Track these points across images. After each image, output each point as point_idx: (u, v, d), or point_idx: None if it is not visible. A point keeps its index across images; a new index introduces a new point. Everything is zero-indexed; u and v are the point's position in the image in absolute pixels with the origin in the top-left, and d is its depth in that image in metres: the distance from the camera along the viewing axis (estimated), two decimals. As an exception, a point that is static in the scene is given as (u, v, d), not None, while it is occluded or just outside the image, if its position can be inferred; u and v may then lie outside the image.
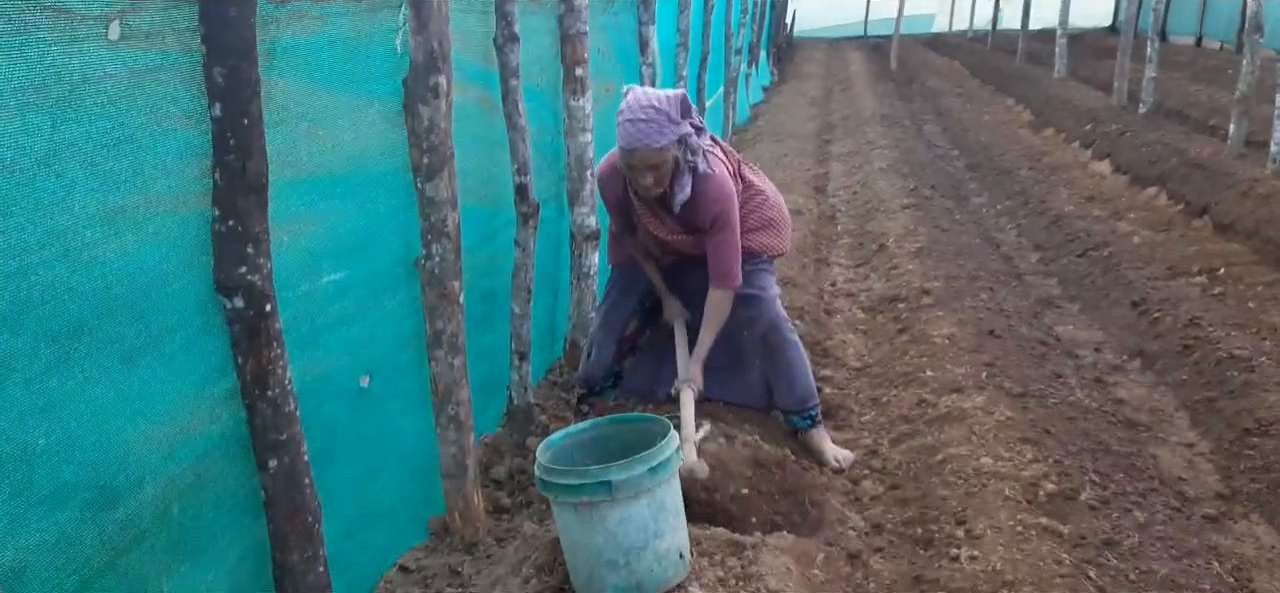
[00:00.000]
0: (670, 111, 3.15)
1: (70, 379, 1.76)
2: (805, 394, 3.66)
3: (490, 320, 3.87)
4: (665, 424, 2.74)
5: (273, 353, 2.20)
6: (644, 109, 3.13)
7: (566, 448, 2.82)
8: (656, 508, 2.56)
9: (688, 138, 3.23)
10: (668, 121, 3.13)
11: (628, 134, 3.14)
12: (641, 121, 3.11)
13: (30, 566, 1.71)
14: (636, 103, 3.15)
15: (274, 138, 2.17)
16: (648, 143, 3.12)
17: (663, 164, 3.18)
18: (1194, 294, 5.25)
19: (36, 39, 1.57)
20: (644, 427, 2.84)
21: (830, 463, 3.62)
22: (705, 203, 3.33)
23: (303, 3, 2.31)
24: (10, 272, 1.59)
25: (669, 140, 3.14)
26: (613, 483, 2.48)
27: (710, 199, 3.32)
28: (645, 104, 3.14)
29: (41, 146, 1.61)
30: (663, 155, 3.16)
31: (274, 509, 2.31)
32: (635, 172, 3.22)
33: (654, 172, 3.19)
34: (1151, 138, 8.92)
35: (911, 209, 7.41)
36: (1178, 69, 14.99)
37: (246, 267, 2.10)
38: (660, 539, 2.58)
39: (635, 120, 3.12)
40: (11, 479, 1.65)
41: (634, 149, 3.14)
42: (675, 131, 3.16)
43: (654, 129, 3.11)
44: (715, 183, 3.33)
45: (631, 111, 3.14)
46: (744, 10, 12.67)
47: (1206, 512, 3.30)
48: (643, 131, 3.11)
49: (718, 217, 3.35)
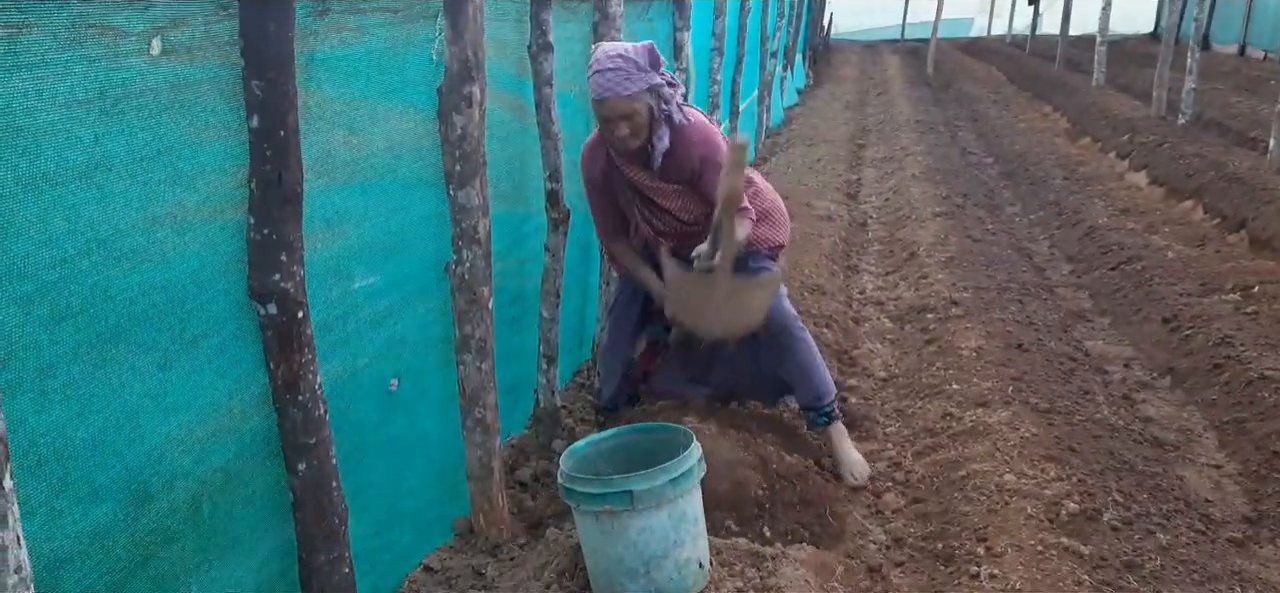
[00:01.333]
0: (638, 60, 3.15)
1: (108, 382, 1.82)
2: (821, 390, 3.61)
3: (519, 324, 3.91)
4: (688, 434, 2.76)
5: (304, 358, 2.25)
6: (611, 59, 3.13)
7: (589, 456, 2.84)
8: (678, 518, 2.59)
9: (659, 88, 3.21)
10: (636, 69, 3.13)
11: (597, 85, 3.14)
12: (610, 70, 3.12)
13: (67, 561, 1.77)
14: (604, 54, 3.16)
15: (310, 145, 2.22)
16: (617, 90, 3.12)
17: (635, 113, 3.18)
18: (1227, 312, 5.20)
19: (81, 55, 1.62)
20: (668, 436, 2.86)
21: (846, 478, 3.56)
22: (687, 148, 3.32)
23: (341, 15, 2.35)
24: (52, 279, 1.65)
25: (639, 87, 3.14)
26: (634, 493, 2.50)
27: (692, 142, 3.32)
28: (613, 54, 3.15)
29: (84, 159, 1.67)
30: (633, 104, 3.15)
31: (302, 511, 2.37)
32: (610, 125, 3.21)
33: (628, 121, 3.19)
34: (1189, 150, 8.82)
35: (943, 217, 7.38)
36: (1219, 79, 14.80)
37: (280, 274, 2.16)
38: (680, 549, 2.60)
39: (603, 70, 3.12)
40: (50, 478, 1.71)
41: (604, 98, 3.14)
42: (645, 80, 3.15)
43: (622, 76, 3.11)
44: (694, 127, 3.34)
45: (599, 63, 3.15)
46: (780, 13, 12.65)
47: (1232, 535, 3.28)
48: (611, 80, 3.12)
49: (704, 158, 3.33)
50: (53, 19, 1.54)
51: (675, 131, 3.30)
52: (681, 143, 3.32)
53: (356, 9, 2.42)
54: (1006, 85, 17.23)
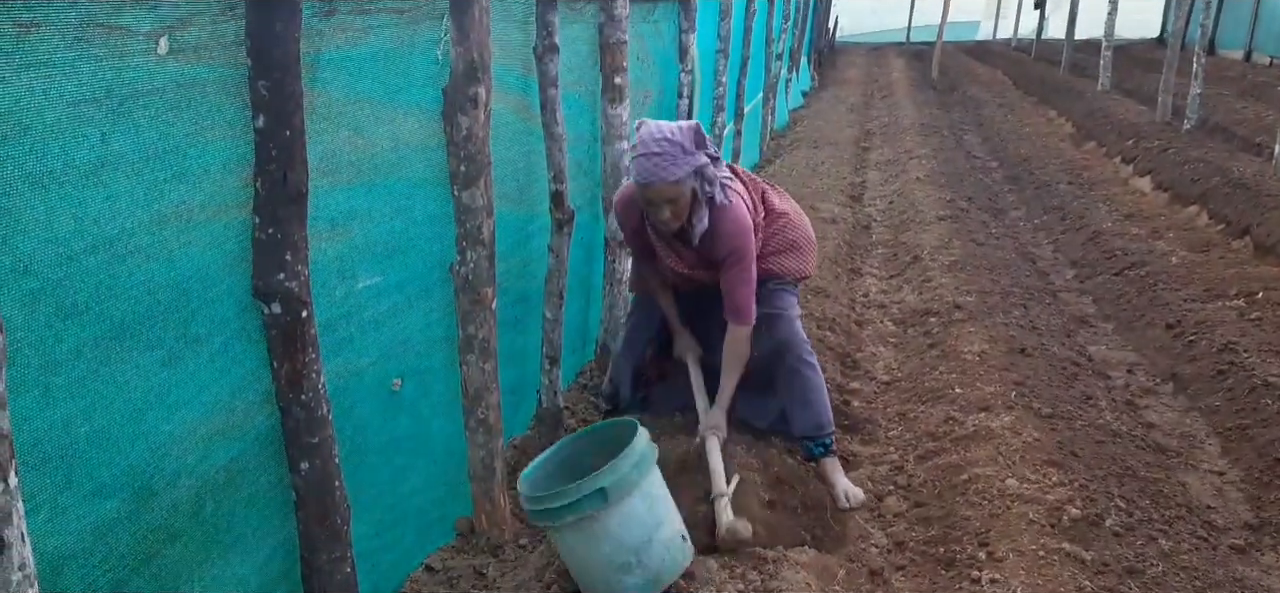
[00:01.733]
0: (684, 142, 3.13)
1: (112, 379, 1.83)
2: (820, 422, 3.57)
3: (522, 324, 3.92)
4: (631, 424, 2.81)
5: (308, 358, 2.25)
6: (658, 142, 3.10)
7: (541, 479, 2.84)
8: (649, 500, 2.65)
9: (704, 169, 3.20)
10: (682, 153, 3.11)
11: (642, 169, 3.12)
12: (656, 155, 3.09)
13: (70, 558, 1.78)
14: (650, 136, 3.13)
15: (315, 145, 2.23)
16: (662, 176, 3.10)
17: (679, 198, 3.16)
18: (1231, 318, 5.20)
19: (89, 54, 1.63)
20: (611, 432, 2.91)
21: (840, 501, 3.46)
22: (722, 236, 3.31)
23: (348, 16, 2.36)
24: (58, 277, 1.65)
25: (684, 172, 3.12)
26: (606, 488, 2.54)
27: (726, 233, 3.31)
28: (659, 137, 3.12)
29: (91, 157, 1.68)
30: (679, 189, 3.14)
31: (304, 510, 2.37)
32: (652, 206, 3.20)
33: (671, 205, 3.18)
34: (1194, 155, 8.81)
35: (947, 221, 7.37)
36: (1225, 84, 14.78)
37: (284, 273, 2.16)
38: (661, 528, 2.66)
39: (650, 154, 3.10)
40: (54, 474, 1.72)
41: (649, 183, 3.12)
42: (690, 163, 3.13)
43: (668, 162, 3.09)
44: (732, 215, 3.31)
45: (645, 146, 3.12)
46: (785, 16, 12.65)
47: (1234, 542, 3.28)
48: (657, 165, 3.09)
49: (733, 251, 3.32)
50: (61, 17, 1.55)
51: (714, 214, 3.29)
52: (717, 228, 3.31)
53: (363, 9, 2.43)
54: (1012, 89, 17.21)
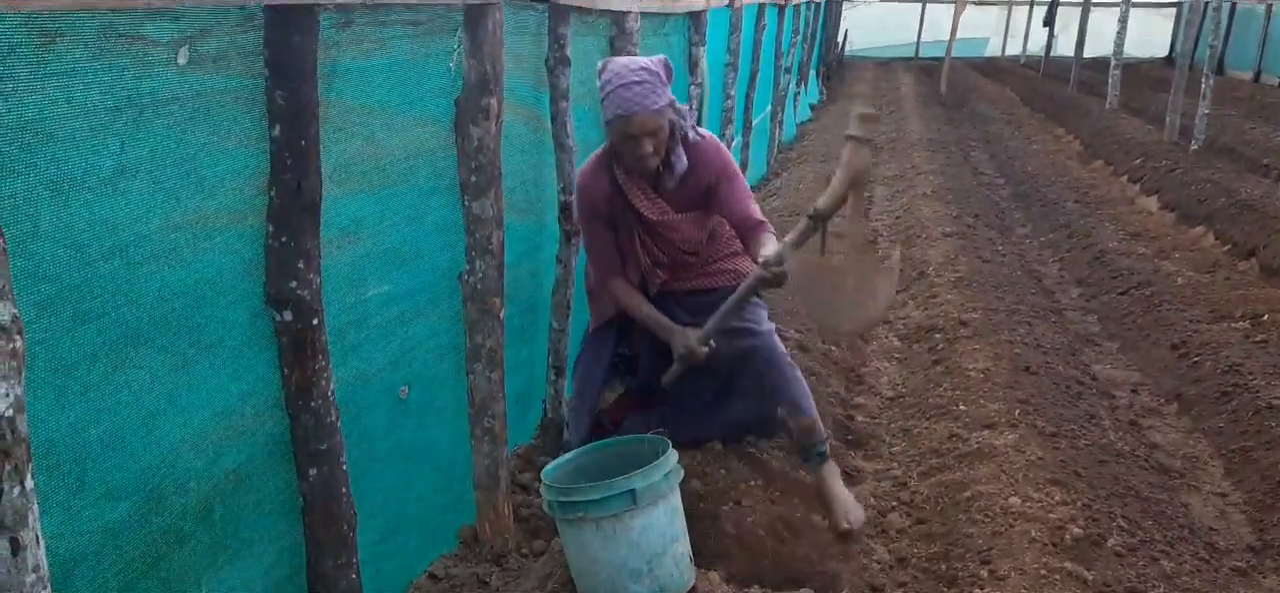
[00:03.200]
0: (659, 73, 3.05)
1: (126, 383, 1.85)
2: (812, 424, 3.37)
3: (529, 333, 3.94)
4: (652, 442, 2.83)
5: (318, 365, 2.28)
6: (635, 72, 3.01)
7: (561, 478, 2.85)
8: (671, 513, 2.68)
9: (675, 102, 3.13)
10: (660, 83, 3.04)
11: (623, 100, 2.99)
12: (636, 84, 2.99)
13: (81, 561, 1.80)
14: (624, 67, 3.05)
15: (329, 154, 2.25)
16: (646, 104, 2.99)
17: (660, 129, 3.07)
18: (1236, 339, 5.20)
19: (111, 65, 1.65)
20: (627, 449, 2.92)
21: (839, 523, 3.25)
22: (705, 160, 3.24)
23: (364, 28, 2.38)
24: (75, 282, 1.68)
25: (664, 102, 3.05)
26: (636, 491, 2.57)
27: (709, 158, 3.25)
28: (635, 67, 3.03)
29: (110, 165, 1.70)
30: (659, 120, 3.05)
31: (311, 516, 2.39)
32: (634, 141, 3.06)
33: (653, 137, 3.06)
34: (1202, 175, 8.82)
35: (954, 237, 7.38)
36: (1234, 104, 14.77)
37: (297, 281, 2.19)
38: (676, 543, 2.69)
39: (629, 84, 2.99)
40: (67, 478, 1.74)
41: (632, 114, 3.00)
42: (666, 95, 3.06)
43: (649, 90, 3.00)
44: (709, 141, 3.29)
45: (622, 77, 3.01)
46: (795, 30, 12.68)
47: (1236, 564, 3.28)
48: (639, 94, 2.99)
49: (722, 168, 3.26)
50: (83, 28, 1.57)
51: (690, 150, 3.23)
52: (699, 159, 3.25)
53: (379, 21, 2.46)
54: (1020, 106, 17.22)
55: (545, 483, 2.72)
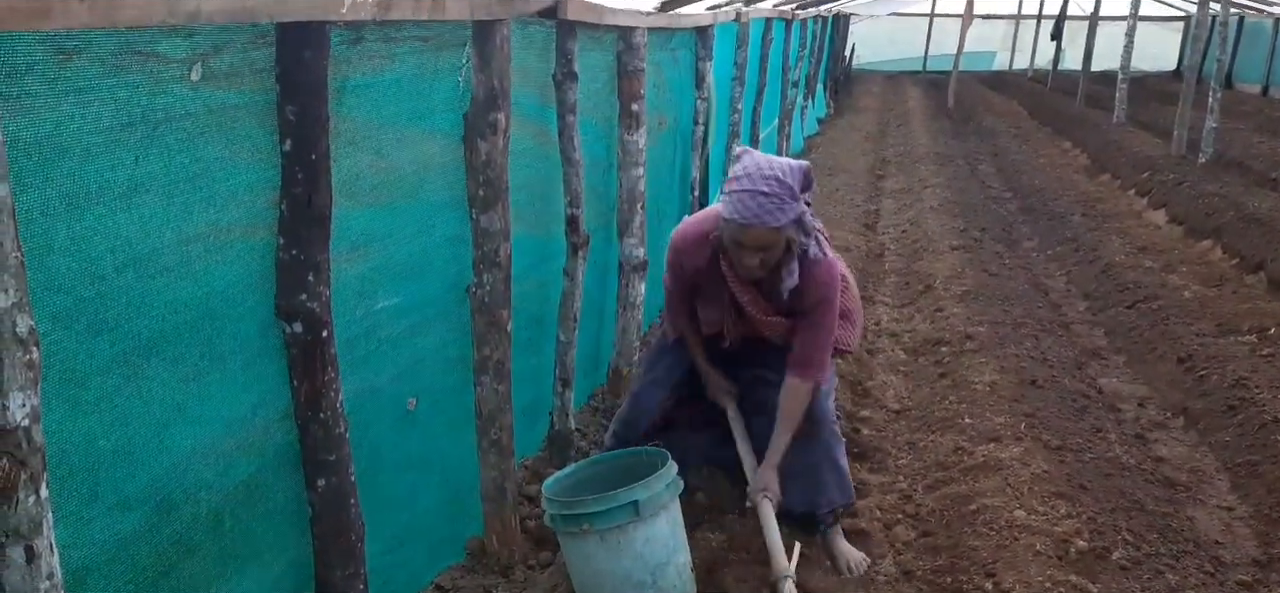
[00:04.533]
0: (794, 186, 2.81)
1: (138, 394, 1.87)
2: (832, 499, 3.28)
3: (536, 345, 3.96)
4: (651, 453, 2.89)
5: (327, 376, 2.30)
6: (767, 181, 2.77)
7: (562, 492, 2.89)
8: (674, 524, 2.73)
9: (804, 217, 2.87)
10: (790, 198, 2.78)
11: (744, 207, 2.78)
12: (763, 195, 2.75)
13: (92, 569, 1.82)
14: (758, 171, 2.79)
15: (339, 168, 2.28)
16: (765, 221, 2.77)
17: (775, 245, 2.85)
18: (1243, 353, 5.21)
19: (126, 81, 1.68)
20: (626, 461, 2.97)
21: (842, 570, 3.21)
22: (813, 285, 3.02)
23: (374, 43, 2.42)
24: (89, 295, 1.71)
25: (788, 219, 2.79)
26: (640, 502, 2.61)
27: (819, 283, 3.02)
28: (768, 174, 2.78)
29: (125, 179, 1.73)
30: (777, 237, 2.82)
31: (320, 526, 2.41)
32: (742, 249, 2.89)
33: (763, 253, 2.87)
34: (1209, 189, 8.83)
35: (961, 251, 7.40)
36: (1241, 118, 14.79)
37: (306, 294, 2.21)
38: (678, 554, 2.74)
39: (755, 193, 2.76)
40: (80, 487, 1.76)
41: (748, 225, 2.79)
42: (795, 210, 2.81)
43: (774, 205, 2.76)
44: (825, 267, 3.04)
45: (751, 181, 2.78)
46: (802, 44, 12.73)
47: (1241, 578, 3.28)
48: (762, 206, 2.76)
49: (822, 301, 3.06)
50: (100, 45, 1.60)
51: (805, 267, 2.97)
52: (808, 280, 3.01)
53: (388, 37, 2.49)
54: (1027, 120, 17.24)
55: (547, 496, 2.75)
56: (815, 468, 3.27)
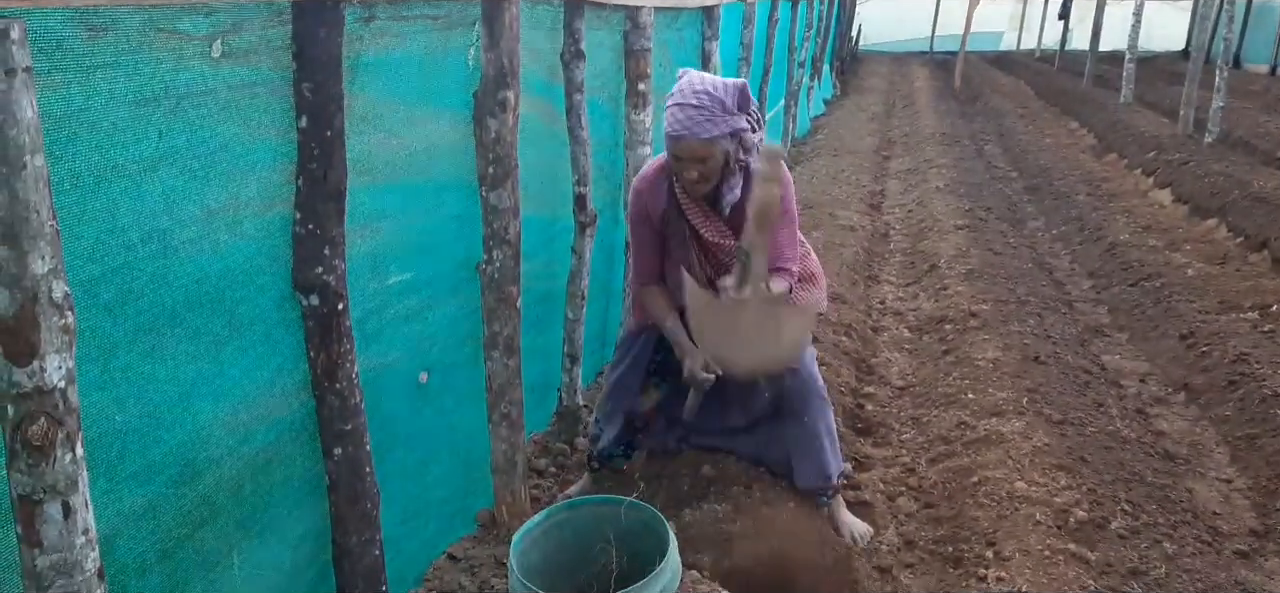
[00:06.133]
0: (726, 100, 2.91)
1: (162, 364, 1.94)
2: (829, 472, 3.32)
3: (544, 323, 4.02)
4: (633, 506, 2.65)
5: (343, 348, 2.36)
6: (697, 94, 2.89)
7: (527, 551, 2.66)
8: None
9: (743, 133, 2.96)
10: (722, 111, 2.89)
11: (676, 119, 2.91)
12: (693, 108, 2.88)
13: (119, 535, 1.89)
14: (690, 86, 2.92)
15: (352, 145, 2.33)
16: (696, 132, 2.89)
17: (710, 158, 2.94)
18: (1244, 330, 5.25)
19: (150, 57, 1.74)
20: (601, 509, 2.75)
21: (846, 540, 3.29)
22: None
23: (386, 22, 2.47)
24: (117, 265, 1.77)
25: (720, 131, 2.89)
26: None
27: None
28: (699, 89, 2.90)
29: (149, 154, 1.79)
30: (711, 148, 2.91)
31: (337, 494, 2.48)
32: (679, 162, 3.00)
33: (700, 165, 2.96)
34: (1215, 168, 8.84)
35: (966, 230, 7.44)
36: (1249, 98, 14.75)
37: (322, 267, 2.27)
38: None
39: (686, 106, 2.89)
40: (107, 454, 1.83)
41: (680, 137, 2.92)
42: (729, 123, 2.91)
43: (704, 116, 2.88)
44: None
45: (683, 95, 2.91)
46: (809, 24, 12.72)
47: (1238, 547, 3.34)
48: (693, 118, 2.88)
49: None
50: (126, 22, 1.66)
51: (749, 181, 3.05)
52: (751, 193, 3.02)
53: (400, 16, 2.54)
54: (1034, 100, 17.22)
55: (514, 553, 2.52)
56: (815, 438, 3.31)
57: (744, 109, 2.97)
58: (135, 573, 1.92)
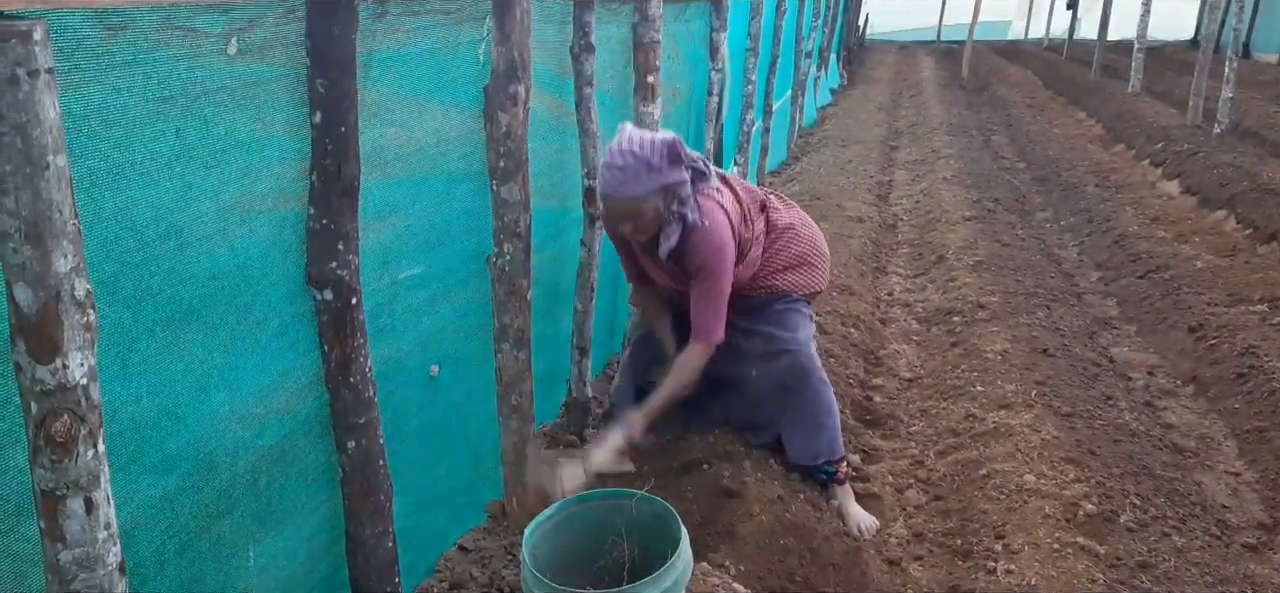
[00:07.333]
0: (650, 158, 2.97)
1: (180, 359, 1.96)
2: (831, 447, 3.40)
3: (553, 314, 4.04)
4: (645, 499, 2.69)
5: (356, 342, 2.38)
6: (623, 155, 2.98)
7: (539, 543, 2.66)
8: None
9: (676, 187, 3.03)
10: (646, 170, 2.96)
11: (603, 180, 3.04)
12: (617, 169, 2.98)
13: (139, 527, 1.91)
14: (618, 147, 3.01)
15: (365, 140, 2.34)
16: (620, 192, 2.99)
17: (639, 214, 3.03)
18: (1254, 322, 5.24)
19: (167, 55, 1.75)
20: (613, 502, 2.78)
21: (852, 532, 3.35)
22: (691, 252, 3.14)
23: (398, 17, 2.48)
24: (136, 261, 1.78)
25: (644, 189, 2.97)
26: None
27: (695, 249, 3.13)
28: (626, 149, 2.99)
29: (167, 151, 1.80)
30: (636, 206, 3.00)
31: (350, 486, 2.50)
32: (611, 218, 3.17)
33: (631, 221, 3.07)
34: (1224, 159, 8.82)
35: (973, 221, 7.44)
36: (1259, 88, 14.69)
37: (336, 262, 2.29)
38: None
39: (611, 166, 3.00)
40: (126, 448, 1.85)
41: (607, 196, 3.05)
42: (655, 181, 2.97)
43: (629, 177, 2.97)
44: (704, 234, 3.12)
45: (612, 156, 3.01)
46: (816, 14, 12.70)
47: (1246, 541, 3.35)
48: (617, 179, 2.99)
49: (701, 267, 3.15)
50: (144, 21, 1.67)
51: (687, 231, 3.12)
52: (688, 246, 3.14)
53: (412, 11, 2.55)
54: (1042, 90, 17.18)
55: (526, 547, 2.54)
56: (810, 415, 3.39)
57: (676, 164, 3.03)
58: (154, 566, 1.95)
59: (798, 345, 3.41)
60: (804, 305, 3.52)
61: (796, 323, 3.46)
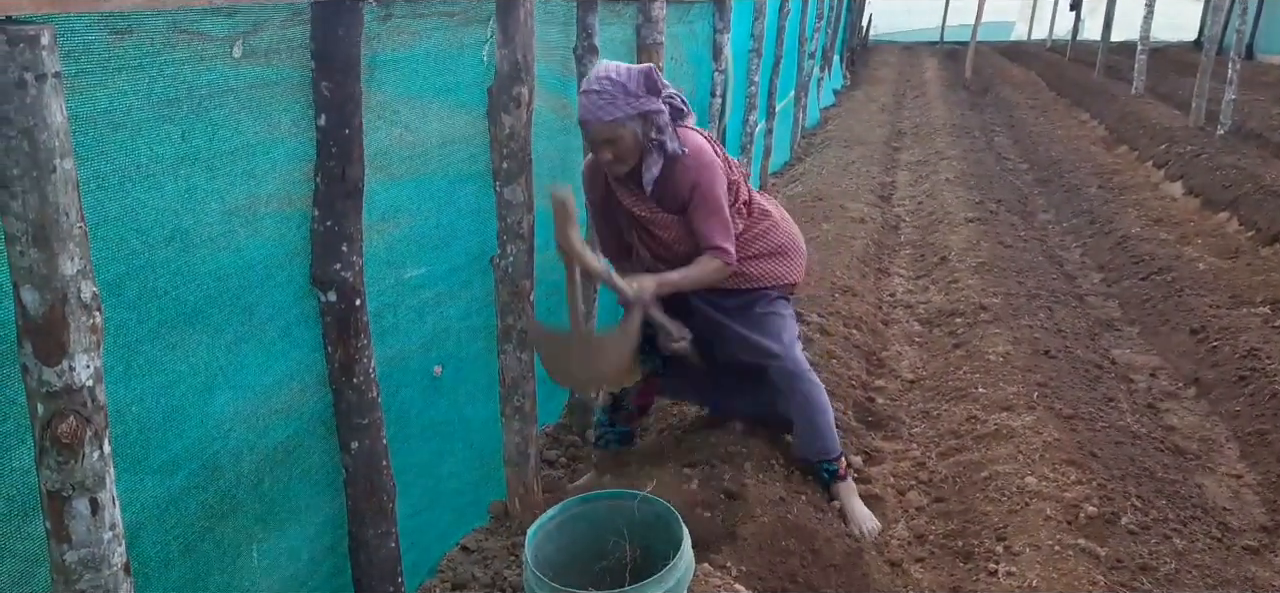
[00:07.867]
0: (627, 84, 3.01)
1: (184, 360, 1.97)
2: (827, 446, 3.43)
3: (556, 315, 4.04)
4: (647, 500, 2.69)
5: (360, 343, 2.39)
6: (599, 80, 3.02)
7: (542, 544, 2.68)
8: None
9: (652, 114, 3.06)
10: (624, 94, 3.00)
11: (581, 106, 3.06)
12: (594, 93, 3.01)
13: (144, 527, 1.92)
14: (594, 75, 3.06)
15: (369, 142, 2.35)
16: (598, 115, 3.00)
17: (618, 139, 3.05)
18: (1256, 324, 5.24)
19: (173, 58, 1.76)
20: (615, 503, 2.79)
21: (854, 531, 3.35)
22: (681, 175, 3.16)
23: (402, 19, 2.49)
24: (141, 263, 1.80)
25: (623, 114, 3.00)
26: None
27: (684, 171, 3.16)
28: (602, 75, 3.03)
29: (172, 154, 1.81)
30: (615, 130, 3.02)
31: (353, 487, 2.51)
32: (593, 145, 3.13)
33: (611, 147, 3.06)
34: (1227, 161, 8.81)
35: (976, 223, 7.44)
36: (1262, 89, 14.67)
37: (340, 263, 2.30)
38: None
39: (589, 92, 3.03)
40: (132, 449, 1.86)
41: (586, 121, 3.05)
42: (632, 106, 3.01)
43: (606, 101, 2.99)
44: (690, 156, 3.15)
45: (588, 83, 3.05)
46: (819, 15, 12.70)
47: (1248, 543, 3.35)
48: (594, 103, 3.00)
49: (694, 185, 3.16)
50: (150, 24, 1.68)
51: (668, 160, 3.16)
52: (674, 171, 3.17)
53: (416, 13, 2.56)
54: (1045, 91, 17.18)
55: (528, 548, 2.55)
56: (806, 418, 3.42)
57: (652, 91, 3.06)
58: (159, 566, 1.96)
59: (782, 349, 3.39)
60: (784, 305, 3.49)
61: (779, 327, 3.43)
